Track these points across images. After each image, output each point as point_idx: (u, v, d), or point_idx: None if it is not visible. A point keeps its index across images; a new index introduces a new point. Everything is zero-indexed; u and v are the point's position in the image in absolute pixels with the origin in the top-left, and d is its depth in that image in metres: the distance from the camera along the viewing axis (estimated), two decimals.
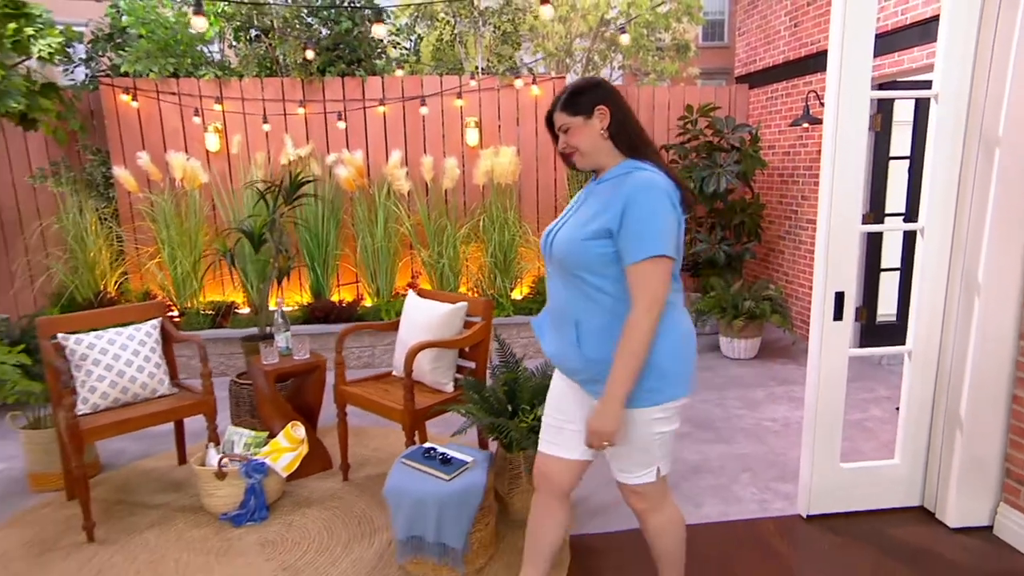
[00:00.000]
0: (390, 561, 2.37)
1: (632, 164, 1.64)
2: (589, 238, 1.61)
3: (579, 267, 1.64)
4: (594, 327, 1.65)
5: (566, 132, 1.68)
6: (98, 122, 5.17)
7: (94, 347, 2.78)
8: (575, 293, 1.68)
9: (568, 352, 1.69)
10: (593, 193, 1.69)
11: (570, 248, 1.65)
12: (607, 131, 1.65)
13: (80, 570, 2.37)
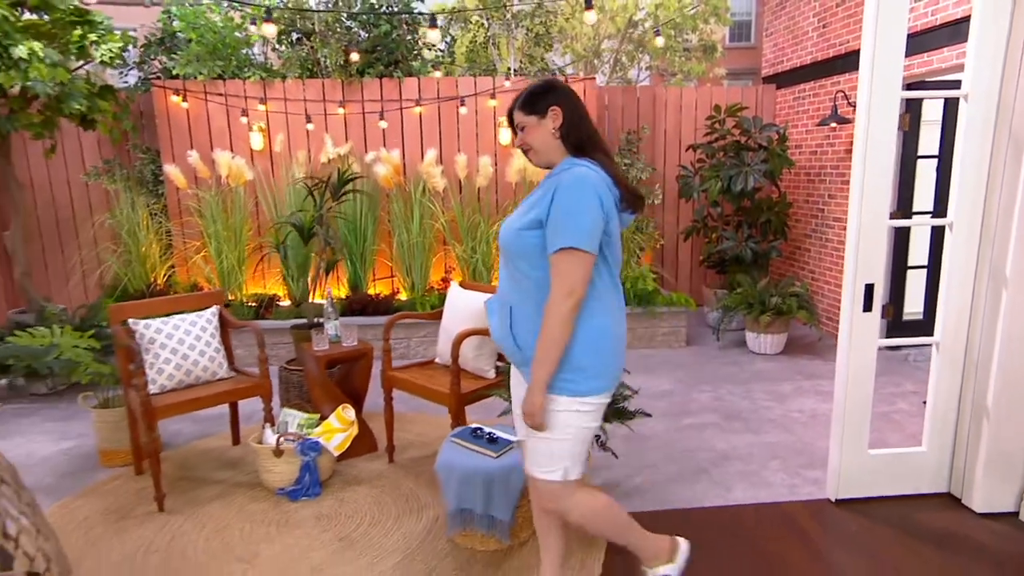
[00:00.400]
0: (438, 534, 2.53)
1: (572, 162, 1.72)
2: (524, 228, 1.71)
3: (516, 255, 1.75)
4: (524, 313, 1.75)
5: (522, 130, 1.77)
6: (148, 122, 5.42)
7: (161, 332, 2.97)
8: (511, 280, 1.79)
9: (505, 336, 1.79)
10: (538, 189, 1.79)
11: (508, 237, 1.75)
12: (559, 131, 1.73)
13: (155, 536, 2.56)
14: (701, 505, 2.75)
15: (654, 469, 3.08)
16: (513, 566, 2.33)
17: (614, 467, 3.09)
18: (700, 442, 3.38)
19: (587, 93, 5.32)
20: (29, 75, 3.87)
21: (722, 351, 5.05)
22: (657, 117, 6.01)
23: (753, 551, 2.40)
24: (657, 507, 2.73)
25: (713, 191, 5.23)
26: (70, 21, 4.22)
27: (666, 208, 6.13)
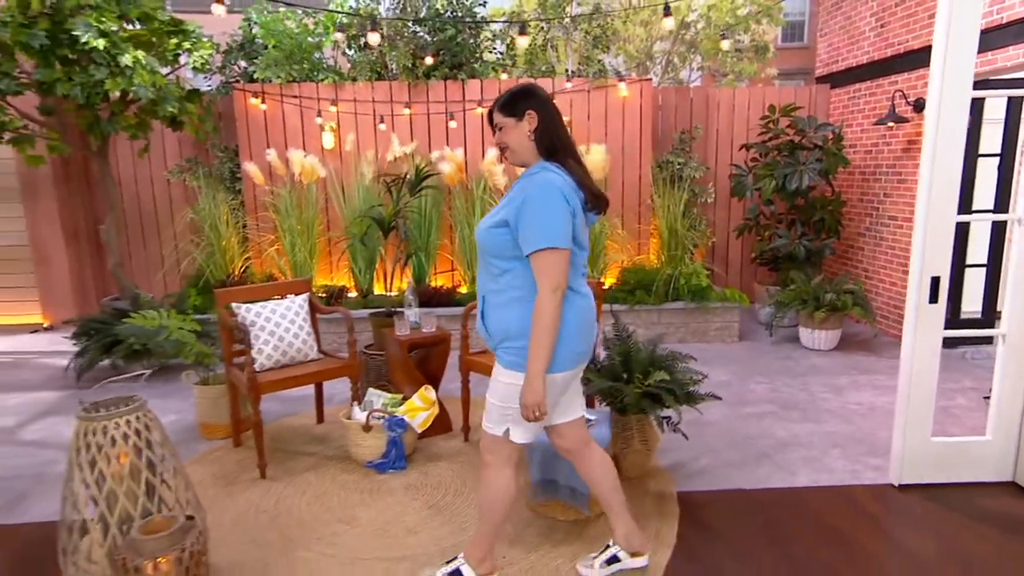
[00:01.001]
0: (519, 505, 2.72)
1: (542, 165, 1.87)
2: (493, 226, 1.88)
3: (487, 251, 1.93)
4: (496, 303, 1.94)
5: (500, 130, 1.91)
6: (226, 123, 5.76)
7: (260, 315, 3.24)
8: (486, 273, 1.98)
9: (480, 325, 2.00)
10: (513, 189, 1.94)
11: (480, 235, 1.94)
12: (533, 133, 1.87)
13: (262, 499, 2.83)
14: (766, 486, 2.89)
15: (716, 453, 3.23)
16: (592, 534, 2.51)
17: (679, 449, 3.24)
18: (760, 429, 3.51)
19: (643, 94, 5.46)
20: (133, 81, 4.21)
21: (775, 346, 5.14)
22: (710, 117, 6.11)
23: (821, 529, 2.53)
24: (722, 487, 2.88)
25: (767, 190, 5.32)
26: (167, 31, 4.56)
27: (717, 206, 6.23)
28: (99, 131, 4.63)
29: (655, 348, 2.98)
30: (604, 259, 5.31)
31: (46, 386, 4.40)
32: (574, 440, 2.17)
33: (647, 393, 2.78)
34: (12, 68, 4.24)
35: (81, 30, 4.06)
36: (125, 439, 2.05)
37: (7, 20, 4.03)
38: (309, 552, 2.42)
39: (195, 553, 1.94)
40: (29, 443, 3.47)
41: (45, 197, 5.73)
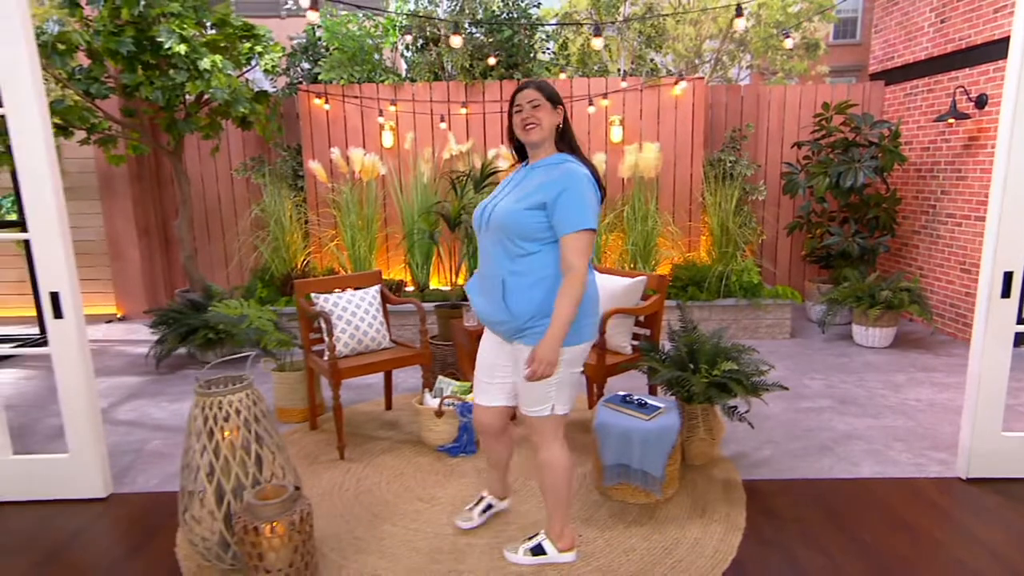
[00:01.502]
0: (590, 488, 2.84)
1: (563, 157, 2.07)
2: (529, 208, 1.99)
3: (515, 233, 2.01)
4: (520, 285, 2.03)
5: (535, 107, 2.04)
6: (289, 123, 6.00)
7: (337, 305, 3.42)
8: (505, 256, 2.05)
9: (496, 308, 2.07)
10: (528, 176, 2.08)
11: (510, 217, 2.01)
12: (559, 126, 2.09)
13: (343, 478, 3.00)
14: (829, 476, 2.94)
15: (777, 444, 3.29)
16: (663, 516, 2.61)
17: (741, 440, 3.32)
18: (819, 423, 3.56)
19: (696, 92, 5.51)
20: (211, 83, 4.44)
21: (827, 343, 5.14)
22: (760, 115, 6.12)
23: (889, 518, 2.58)
24: (786, 476, 2.94)
25: (820, 187, 5.32)
26: (240, 35, 4.79)
27: (767, 204, 6.23)
28: (176, 131, 4.89)
29: (720, 339, 3.06)
30: (655, 255, 5.38)
31: (128, 371, 4.68)
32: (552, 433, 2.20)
33: (714, 382, 2.87)
34: (102, 73, 4.52)
35: (164, 36, 4.31)
36: (237, 414, 2.22)
37: (100, 29, 4.31)
38: (395, 527, 2.58)
39: (304, 519, 2.11)
40: (123, 423, 3.72)
41: (121, 195, 6.05)
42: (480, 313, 2.19)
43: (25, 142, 2.44)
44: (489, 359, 2.27)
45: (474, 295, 2.22)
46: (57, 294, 2.59)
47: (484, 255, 2.15)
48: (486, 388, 2.29)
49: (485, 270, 2.15)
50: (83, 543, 2.50)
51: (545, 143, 2.08)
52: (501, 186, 2.21)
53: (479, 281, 2.20)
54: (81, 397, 2.69)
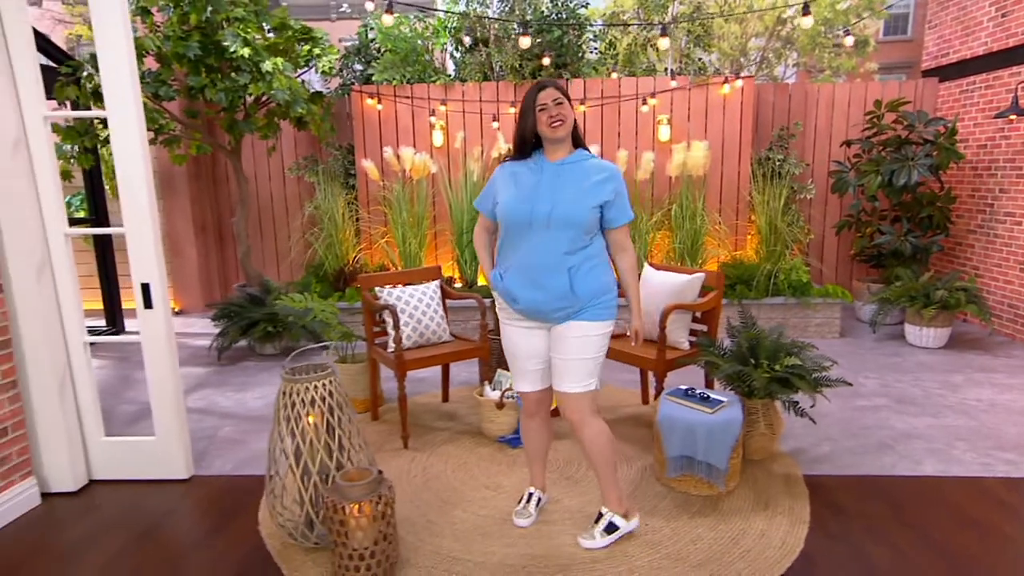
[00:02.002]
0: (651, 480, 2.89)
1: (587, 152, 2.28)
2: (594, 207, 2.18)
3: (581, 227, 2.17)
4: (584, 270, 2.20)
5: (559, 104, 2.17)
6: (340, 123, 6.16)
7: (400, 298, 3.53)
8: (567, 249, 2.18)
9: (555, 296, 2.19)
10: (565, 172, 2.21)
11: (578, 214, 2.16)
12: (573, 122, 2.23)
13: (409, 466, 3.10)
14: (892, 474, 2.94)
15: (835, 441, 3.29)
16: (726, 508, 2.65)
17: (798, 437, 3.33)
18: (876, 421, 3.54)
19: (744, 91, 5.50)
20: (272, 85, 4.61)
21: (878, 343, 5.09)
22: (808, 113, 6.07)
23: (957, 516, 2.58)
24: (848, 472, 2.95)
25: (872, 186, 5.26)
26: (299, 38, 4.95)
27: (814, 202, 6.18)
28: (237, 131, 5.07)
29: (780, 335, 3.08)
30: (703, 254, 5.39)
31: (191, 363, 4.87)
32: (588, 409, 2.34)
33: (776, 378, 2.90)
34: (169, 77, 4.72)
35: (230, 40, 4.48)
36: (322, 400, 2.34)
37: (169, 35, 4.50)
38: (465, 512, 2.67)
39: (388, 502, 2.21)
40: (193, 411, 3.89)
41: (180, 193, 6.28)
42: (529, 304, 2.23)
43: (125, 142, 2.59)
44: (526, 347, 2.35)
45: (520, 289, 2.24)
46: (148, 285, 2.74)
47: (531, 248, 2.20)
48: (530, 374, 2.38)
49: (534, 261, 2.20)
50: (172, 521, 2.65)
51: (568, 138, 2.23)
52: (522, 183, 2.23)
53: (524, 274, 2.22)
54: (168, 383, 2.84)
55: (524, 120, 2.21)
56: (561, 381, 2.28)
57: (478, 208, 2.42)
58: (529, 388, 2.41)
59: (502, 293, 2.30)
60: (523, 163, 2.28)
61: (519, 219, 2.20)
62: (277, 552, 2.41)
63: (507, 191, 2.25)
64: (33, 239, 2.64)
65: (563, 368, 2.27)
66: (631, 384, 4.14)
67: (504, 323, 2.38)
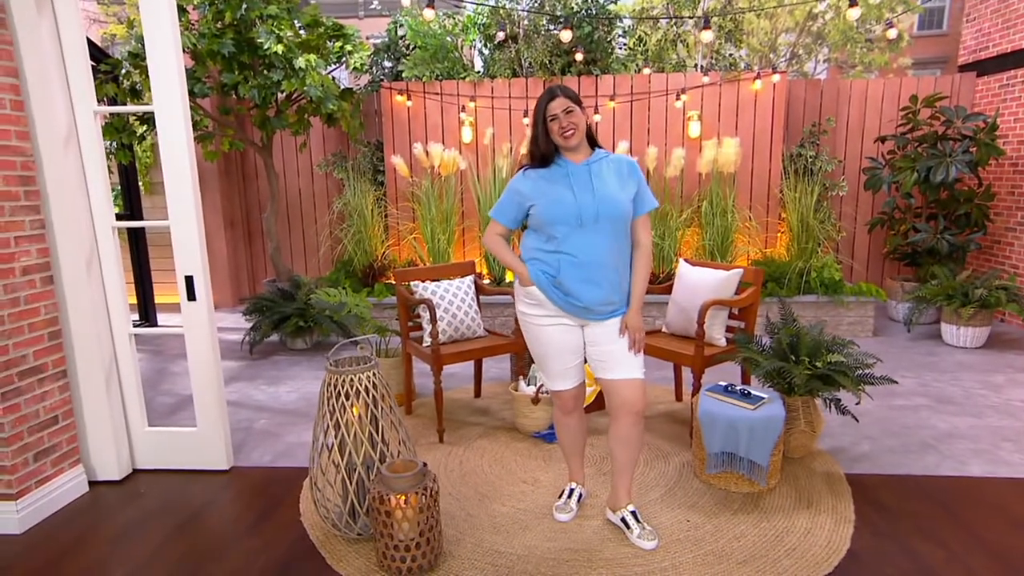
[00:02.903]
0: (690, 476, 2.87)
1: (605, 151, 2.32)
2: (631, 199, 2.25)
3: (624, 220, 2.23)
4: (622, 269, 2.29)
5: (569, 113, 2.19)
6: (369, 119, 6.20)
7: (436, 293, 3.54)
8: (615, 245, 2.23)
9: (610, 291, 2.24)
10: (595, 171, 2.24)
11: (622, 210, 2.21)
12: (587, 126, 2.26)
13: (446, 459, 3.11)
14: (937, 474, 2.89)
15: (876, 440, 3.24)
16: (768, 505, 2.62)
17: (836, 435, 3.28)
18: (917, 420, 3.48)
19: (776, 87, 5.44)
20: (306, 81, 4.65)
21: (913, 342, 5.00)
22: (840, 109, 5.99)
23: (1009, 518, 2.52)
24: (890, 471, 2.90)
25: (907, 182, 5.17)
26: (331, 35, 4.99)
27: (846, 199, 6.09)
28: (269, 128, 5.12)
29: (820, 332, 3.04)
30: (733, 251, 5.34)
31: (225, 356, 4.93)
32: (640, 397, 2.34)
33: (817, 374, 2.86)
34: (204, 74, 4.78)
35: (264, 37, 4.53)
36: (367, 391, 2.35)
37: (204, 32, 4.56)
38: (503, 506, 2.67)
39: (432, 494, 2.22)
40: (229, 403, 3.93)
41: (210, 189, 6.36)
42: (588, 300, 2.24)
43: (171, 137, 2.63)
44: (565, 344, 2.35)
45: (581, 286, 2.23)
46: (192, 278, 2.78)
47: (585, 247, 2.21)
48: (569, 371, 2.40)
49: (589, 260, 2.21)
50: (215, 510, 2.69)
51: (582, 142, 2.26)
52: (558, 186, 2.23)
53: (580, 271, 2.22)
54: (210, 375, 2.88)
55: (536, 131, 2.25)
56: (630, 368, 2.28)
57: (496, 218, 2.39)
58: (568, 385, 2.42)
59: (551, 291, 2.28)
60: (549, 169, 2.28)
61: (568, 220, 2.20)
62: (320, 543, 2.43)
63: (545, 195, 2.24)
64: (83, 232, 2.68)
65: (621, 357, 2.28)
66: (664, 381, 4.11)
67: (536, 323, 2.35)
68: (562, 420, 2.53)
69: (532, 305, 2.36)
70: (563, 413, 2.51)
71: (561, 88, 2.22)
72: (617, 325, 2.29)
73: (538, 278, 2.31)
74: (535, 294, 2.33)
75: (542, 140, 2.23)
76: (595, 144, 2.32)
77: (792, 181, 5.46)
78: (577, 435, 2.55)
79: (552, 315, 2.32)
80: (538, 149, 2.26)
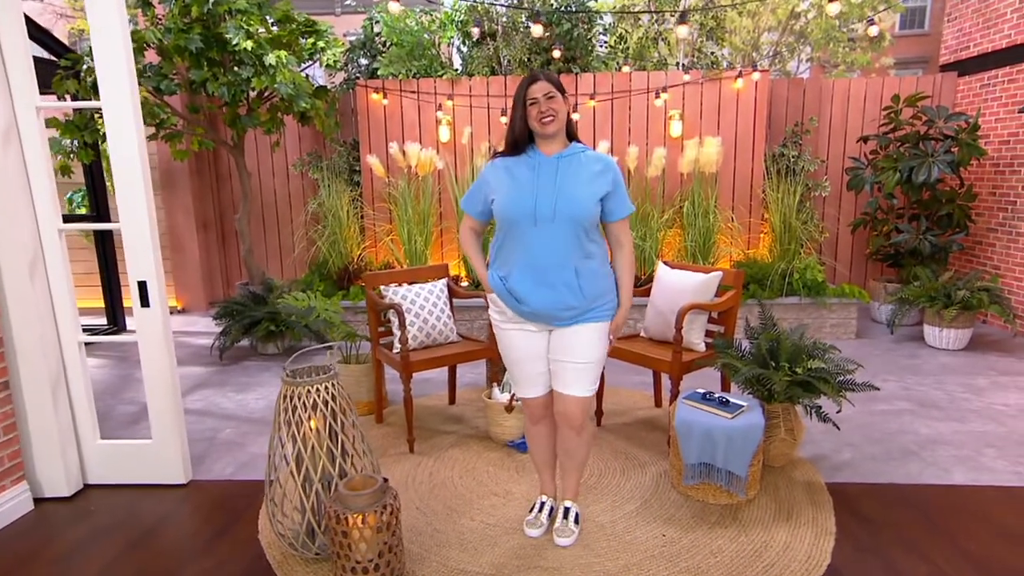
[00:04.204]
0: (667, 487, 2.77)
1: (582, 145, 2.17)
2: (596, 199, 2.09)
3: (584, 223, 2.08)
4: (590, 268, 2.12)
5: (550, 99, 2.06)
6: (345, 118, 6.05)
7: (406, 298, 3.42)
8: (573, 245, 2.09)
9: (564, 296, 2.10)
10: (564, 165, 2.10)
11: (583, 209, 2.07)
12: (568, 115, 2.12)
13: (415, 471, 2.99)
14: (920, 482, 2.81)
15: (857, 447, 3.16)
16: (747, 518, 2.52)
17: (817, 442, 3.20)
18: (900, 426, 3.41)
19: (758, 86, 5.36)
20: (276, 79, 4.50)
21: (896, 344, 4.95)
22: (823, 109, 5.93)
23: (993, 528, 2.45)
24: (872, 480, 2.82)
25: (889, 183, 5.12)
26: (303, 31, 4.84)
27: (828, 200, 6.04)
28: (239, 127, 4.97)
29: (801, 336, 2.96)
30: (715, 252, 5.26)
31: (192, 362, 4.78)
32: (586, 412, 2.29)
33: (797, 381, 2.77)
34: (170, 70, 4.62)
35: (232, 33, 4.38)
36: (325, 404, 2.22)
37: (170, 27, 4.40)
38: (473, 521, 2.55)
39: (392, 512, 2.09)
40: (193, 412, 3.79)
41: (181, 189, 6.19)
42: (539, 305, 2.13)
43: (120, 134, 2.49)
44: (530, 350, 2.25)
45: (528, 290, 2.13)
46: (145, 283, 2.64)
47: (536, 246, 2.10)
48: (536, 378, 2.29)
49: (540, 259, 2.10)
50: (169, 527, 2.55)
51: (561, 132, 2.12)
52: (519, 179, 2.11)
53: (531, 273, 2.11)
54: (165, 385, 2.74)
55: (515, 115, 2.12)
56: (568, 386, 2.21)
57: (465, 209, 2.30)
58: (536, 393, 2.31)
59: (504, 296, 2.19)
60: (517, 159, 2.16)
61: (522, 216, 2.08)
62: (277, 563, 2.30)
63: (505, 188, 2.13)
64: (25, 234, 2.53)
65: (573, 372, 2.19)
66: (643, 386, 4.02)
67: (502, 328, 2.27)
68: (531, 429, 2.42)
69: (497, 311, 2.26)
70: (531, 422, 2.40)
71: (544, 72, 2.11)
72: (583, 334, 2.16)
73: (494, 281, 2.21)
74: (497, 299, 2.23)
75: (518, 125, 2.11)
76: (574, 138, 2.18)
77: (775, 181, 5.39)
78: (547, 446, 2.45)
79: (517, 319, 2.22)
80: (512, 134, 2.14)
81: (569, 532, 2.37)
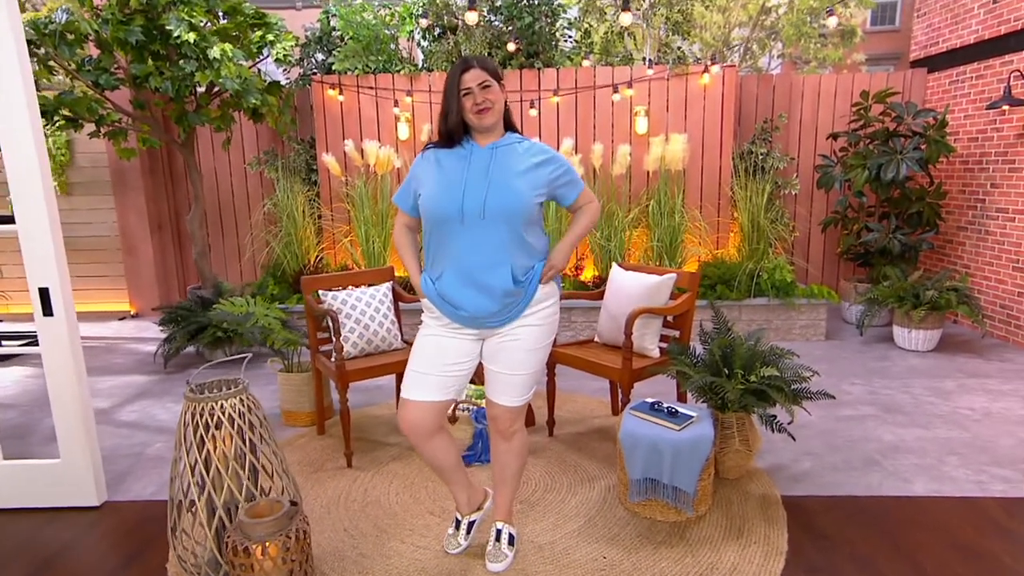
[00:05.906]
0: (614, 504, 2.61)
1: (519, 135, 2.03)
2: (533, 193, 1.94)
3: (520, 218, 1.93)
4: (521, 263, 1.96)
5: (485, 88, 1.90)
6: (303, 115, 5.85)
7: (346, 303, 3.23)
8: (508, 243, 1.93)
9: (507, 290, 1.94)
10: (499, 156, 1.95)
11: (518, 201, 1.91)
12: (504, 103, 1.98)
13: (350, 487, 2.81)
14: (879, 494, 2.68)
15: (818, 456, 3.03)
16: (695, 537, 2.37)
17: (777, 451, 3.06)
18: (863, 432, 3.28)
19: (725, 81, 5.23)
20: (221, 73, 4.29)
21: (865, 346, 4.84)
22: (793, 105, 5.82)
23: (951, 543, 2.32)
24: (830, 493, 2.69)
25: (859, 181, 5.01)
26: (251, 24, 4.63)
27: (799, 198, 5.93)
28: (186, 123, 4.75)
29: (757, 342, 2.81)
30: (682, 252, 5.12)
31: (136, 370, 4.56)
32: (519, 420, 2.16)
33: (751, 389, 2.63)
34: (111, 64, 4.40)
35: (174, 24, 4.17)
36: (231, 421, 2.04)
37: (109, 18, 4.18)
38: (403, 543, 2.38)
39: (300, 539, 1.92)
40: (124, 424, 3.58)
41: (133, 189, 5.95)
42: (476, 310, 1.95)
43: (9, 124, 2.28)
44: (446, 348, 2.02)
45: (461, 295, 1.95)
46: (47, 290, 2.43)
47: (466, 246, 1.92)
48: (426, 380, 2.01)
49: (471, 261, 1.92)
50: (72, 556, 2.35)
51: (498, 122, 1.97)
52: (448, 171, 1.94)
53: (462, 276, 1.94)
54: (73, 400, 2.54)
55: (447, 105, 1.93)
56: (502, 395, 2.06)
57: (397, 204, 2.12)
58: (416, 395, 2.01)
59: (437, 301, 2.01)
60: (449, 150, 1.99)
61: (448, 213, 1.90)
62: None
63: (431, 182, 1.96)
64: None
65: (507, 382, 2.04)
66: (600, 393, 3.87)
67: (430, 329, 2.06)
68: (424, 449, 2.07)
69: (433, 316, 2.08)
70: (421, 440, 2.04)
71: (478, 59, 1.92)
72: (519, 342, 2.00)
73: (425, 285, 2.03)
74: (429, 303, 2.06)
75: (452, 115, 1.92)
76: (511, 127, 2.03)
77: (743, 179, 5.26)
78: (451, 453, 2.15)
79: (451, 326, 2.04)
80: (445, 125, 1.95)
81: (502, 556, 2.20)
